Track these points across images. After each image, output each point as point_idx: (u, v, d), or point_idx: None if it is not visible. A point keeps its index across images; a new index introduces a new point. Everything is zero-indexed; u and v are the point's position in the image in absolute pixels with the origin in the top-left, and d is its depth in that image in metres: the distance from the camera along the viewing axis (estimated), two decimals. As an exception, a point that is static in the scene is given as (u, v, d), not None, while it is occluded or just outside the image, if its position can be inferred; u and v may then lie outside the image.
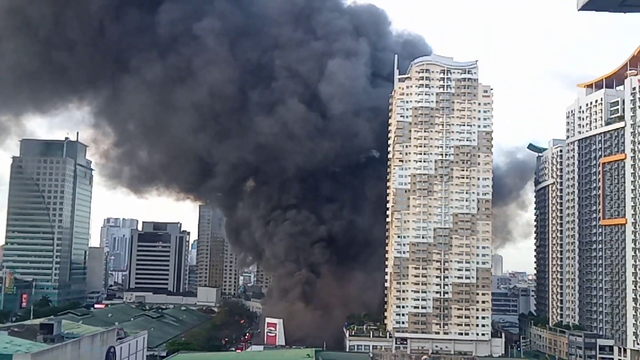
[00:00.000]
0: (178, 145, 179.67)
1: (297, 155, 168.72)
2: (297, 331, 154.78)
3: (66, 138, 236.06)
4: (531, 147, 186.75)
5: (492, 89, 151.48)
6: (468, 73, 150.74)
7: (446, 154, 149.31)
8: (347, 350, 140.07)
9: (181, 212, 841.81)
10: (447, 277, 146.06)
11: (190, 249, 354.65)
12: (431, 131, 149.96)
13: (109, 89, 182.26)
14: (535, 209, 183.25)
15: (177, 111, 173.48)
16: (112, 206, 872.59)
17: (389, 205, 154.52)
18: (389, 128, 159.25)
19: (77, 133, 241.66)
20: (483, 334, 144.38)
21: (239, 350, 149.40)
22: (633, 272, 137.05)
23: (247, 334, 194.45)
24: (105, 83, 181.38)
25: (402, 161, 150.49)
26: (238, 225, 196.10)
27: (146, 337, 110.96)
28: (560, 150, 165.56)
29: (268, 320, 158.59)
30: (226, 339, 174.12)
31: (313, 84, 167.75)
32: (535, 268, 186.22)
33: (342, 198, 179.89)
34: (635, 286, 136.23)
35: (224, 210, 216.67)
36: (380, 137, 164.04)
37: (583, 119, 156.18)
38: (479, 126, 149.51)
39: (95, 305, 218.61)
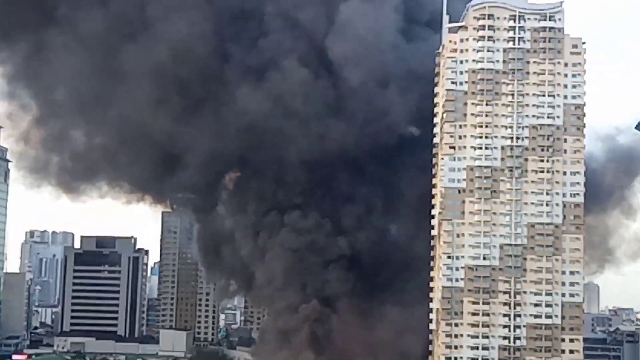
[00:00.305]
0: (128, 125, 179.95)
1: (299, 141, 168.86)
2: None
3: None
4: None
5: (584, 44, 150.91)
6: (550, 20, 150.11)
7: (518, 138, 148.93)
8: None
9: (136, 221, 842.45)
10: (520, 316, 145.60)
11: (149, 274, 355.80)
12: (496, 104, 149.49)
13: (29, 44, 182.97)
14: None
15: (125, 79, 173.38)
16: (38, 214, 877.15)
17: (435, 211, 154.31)
18: (435, 101, 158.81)
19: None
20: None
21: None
22: None
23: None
24: (24, 36, 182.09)
25: (454, 148, 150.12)
26: (216, 237, 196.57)
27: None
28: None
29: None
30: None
31: (319, 38, 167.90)
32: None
33: (369, 196, 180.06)
34: None
35: (196, 216, 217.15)
36: (421, 115, 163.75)
37: None
38: (565, 97, 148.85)
39: (14, 357, 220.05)
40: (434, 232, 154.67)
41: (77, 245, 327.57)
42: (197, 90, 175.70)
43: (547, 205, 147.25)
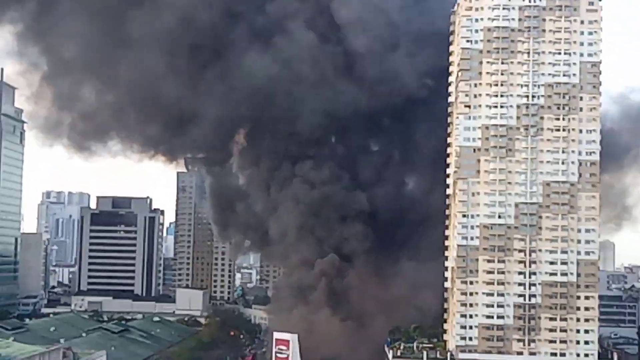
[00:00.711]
0: (137, 87, 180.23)
1: (310, 104, 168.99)
2: (318, 350, 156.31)
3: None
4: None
5: (600, 1, 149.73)
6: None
7: (534, 96, 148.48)
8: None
9: (151, 181, 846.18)
10: (535, 274, 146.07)
11: (165, 235, 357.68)
12: (512, 62, 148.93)
13: (38, 3, 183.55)
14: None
15: (133, 45, 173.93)
16: (54, 175, 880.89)
17: (450, 170, 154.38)
18: (450, 59, 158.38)
19: (2, 70, 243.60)
20: (586, 355, 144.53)
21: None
22: None
23: (248, 355, 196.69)
24: None
25: (469, 107, 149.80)
26: (229, 194, 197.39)
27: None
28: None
29: (277, 335, 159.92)
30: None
31: (325, 2, 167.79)
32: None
33: (385, 150, 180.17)
34: None
35: (209, 172, 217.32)
36: (434, 74, 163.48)
37: None
38: (581, 55, 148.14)
39: (32, 316, 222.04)
40: (449, 191, 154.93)
41: (93, 205, 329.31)
42: (205, 55, 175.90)
43: (562, 163, 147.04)
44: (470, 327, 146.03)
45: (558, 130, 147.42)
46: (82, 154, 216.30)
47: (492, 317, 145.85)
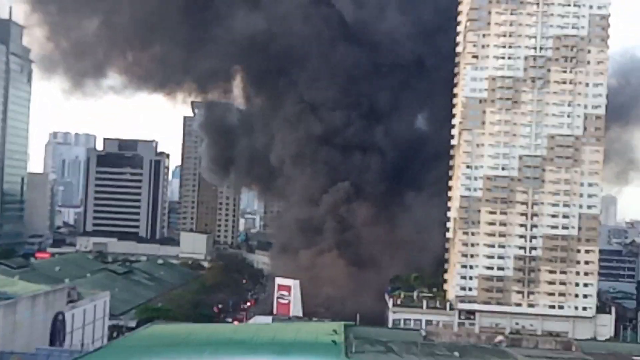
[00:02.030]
0: (134, 21, 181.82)
1: (310, 58, 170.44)
2: (320, 296, 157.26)
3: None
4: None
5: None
6: None
7: (542, 48, 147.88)
8: (390, 325, 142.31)
9: (158, 125, 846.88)
10: (536, 226, 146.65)
11: (170, 178, 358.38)
12: (521, 13, 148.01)
13: None
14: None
15: None
16: (61, 116, 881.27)
17: (455, 121, 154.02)
18: (459, 9, 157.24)
19: (10, 8, 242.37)
20: (585, 308, 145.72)
21: (238, 322, 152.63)
22: None
23: (250, 300, 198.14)
24: None
25: (476, 57, 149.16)
26: (230, 131, 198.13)
27: (108, 301, 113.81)
28: None
29: (279, 281, 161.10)
30: (220, 306, 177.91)
31: None
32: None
33: (399, 97, 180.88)
34: None
35: (210, 111, 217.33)
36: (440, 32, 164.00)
37: None
38: (590, 7, 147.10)
39: (37, 255, 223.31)
40: (453, 142, 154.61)
41: (99, 147, 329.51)
42: (195, 15, 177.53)
43: (568, 116, 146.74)
44: (470, 278, 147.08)
45: (564, 82, 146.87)
46: (79, 91, 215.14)
47: (492, 269, 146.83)
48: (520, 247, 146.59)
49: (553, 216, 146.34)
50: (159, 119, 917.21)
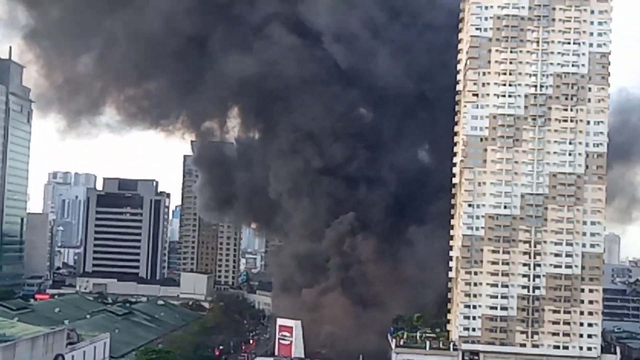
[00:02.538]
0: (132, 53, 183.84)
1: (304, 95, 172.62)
2: (322, 337, 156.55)
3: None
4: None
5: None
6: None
7: (542, 86, 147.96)
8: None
9: (158, 165, 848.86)
10: (540, 266, 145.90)
11: (171, 218, 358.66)
12: (521, 51, 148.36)
13: None
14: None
15: (118, 40, 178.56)
16: (60, 156, 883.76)
17: (456, 159, 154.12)
18: (459, 47, 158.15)
19: (10, 48, 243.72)
20: (589, 349, 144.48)
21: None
22: None
23: (251, 341, 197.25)
24: None
25: (477, 96, 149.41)
26: (227, 166, 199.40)
27: (108, 342, 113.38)
28: None
29: (280, 322, 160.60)
30: (221, 347, 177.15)
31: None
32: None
33: (403, 131, 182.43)
34: None
35: (206, 148, 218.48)
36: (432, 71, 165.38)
37: None
38: (591, 45, 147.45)
39: (37, 296, 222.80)
40: (455, 180, 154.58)
41: (99, 186, 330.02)
42: (189, 54, 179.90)
43: (569, 154, 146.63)
44: (474, 318, 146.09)
45: (566, 120, 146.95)
46: (74, 129, 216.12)
47: (496, 308, 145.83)
48: (524, 287, 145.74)
49: (556, 255, 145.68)
50: (159, 158, 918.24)
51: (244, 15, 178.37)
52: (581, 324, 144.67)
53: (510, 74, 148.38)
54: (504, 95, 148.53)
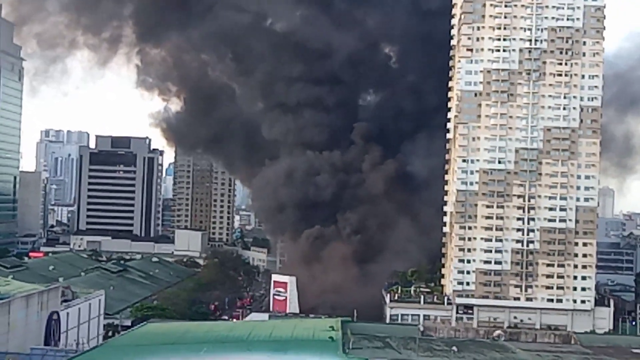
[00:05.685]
0: None
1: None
2: (316, 292, 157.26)
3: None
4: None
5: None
6: None
7: (536, 40, 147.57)
8: (388, 320, 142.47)
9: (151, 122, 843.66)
10: (533, 220, 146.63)
11: (164, 175, 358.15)
12: (515, 5, 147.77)
13: None
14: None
15: None
16: (53, 114, 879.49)
17: (451, 115, 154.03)
18: (453, 1, 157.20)
19: (0, 6, 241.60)
20: (583, 302, 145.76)
21: (234, 320, 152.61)
22: None
23: (246, 297, 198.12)
24: None
25: (471, 51, 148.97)
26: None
27: (103, 300, 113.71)
28: None
29: (275, 277, 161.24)
30: (216, 304, 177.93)
31: None
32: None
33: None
34: None
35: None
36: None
37: None
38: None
39: (31, 254, 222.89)
40: (449, 136, 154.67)
41: (92, 144, 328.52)
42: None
43: (564, 109, 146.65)
44: (468, 272, 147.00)
45: (560, 75, 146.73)
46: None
47: (490, 263, 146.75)
48: (518, 241, 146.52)
49: (550, 209, 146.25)
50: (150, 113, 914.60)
51: None
52: (575, 278, 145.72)
53: (504, 28, 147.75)
54: (498, 50, 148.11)
